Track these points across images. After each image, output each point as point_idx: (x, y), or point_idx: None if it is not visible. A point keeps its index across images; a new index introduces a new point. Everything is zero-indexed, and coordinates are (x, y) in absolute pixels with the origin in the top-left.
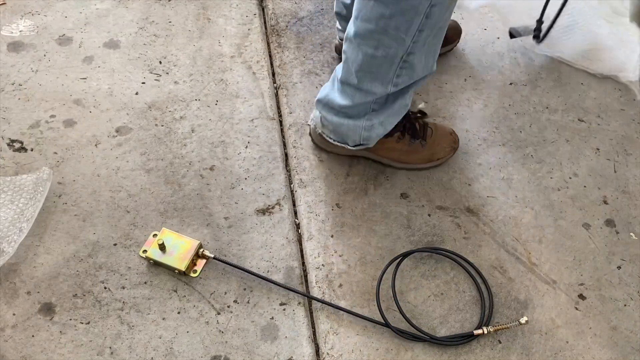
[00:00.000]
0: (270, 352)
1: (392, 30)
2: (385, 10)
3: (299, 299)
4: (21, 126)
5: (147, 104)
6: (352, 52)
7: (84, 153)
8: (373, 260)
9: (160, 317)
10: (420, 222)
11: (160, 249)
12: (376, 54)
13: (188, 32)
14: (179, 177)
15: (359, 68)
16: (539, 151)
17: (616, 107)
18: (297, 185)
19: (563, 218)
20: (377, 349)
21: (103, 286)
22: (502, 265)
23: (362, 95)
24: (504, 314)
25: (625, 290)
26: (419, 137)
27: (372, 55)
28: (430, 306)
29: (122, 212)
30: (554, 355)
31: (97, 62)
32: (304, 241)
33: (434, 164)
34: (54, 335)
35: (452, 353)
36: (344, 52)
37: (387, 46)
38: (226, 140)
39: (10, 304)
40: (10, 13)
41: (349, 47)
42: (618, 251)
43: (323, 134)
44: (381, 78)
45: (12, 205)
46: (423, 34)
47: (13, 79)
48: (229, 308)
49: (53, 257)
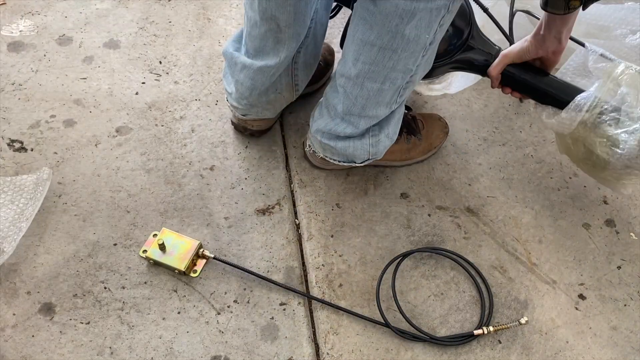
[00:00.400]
0: (270, 352)
1: (400, 66)
2: (394, 54)
3: (299, 299)
4: (21, 126)
5: (147, 104)
6: (354, 89)
7: (84, 153)
8: (373, 260)
9: (160, 317)
10: (420, 222)
11: (160, 249)
12: (383, 87)
13: (188, 32)
14: (179, 177)
15: (365, 102)
16: (539, 151)
17: None
18: (297, 185)
19: (563, 218)
20: (377, 349)
21: (103, 286)
22: (502, 265)
23: (367, 120)
24: (504, 314)
25: (625, 290)
26: (415, 133)
27: (378, 89)
28: (430, 306)
29: (122, 212)
30: (554, 355)
31: (97, 62)
32: (304, 241)
33: (432, 152)
34: (54, 335)
35: (452, 353)
36: (341, 86)
37: (394, 79)
38: (226, 140)
39: (10, 304)
40: (10, 13)
41: (349, 84)
42: (618, 251)
43: (326, 157)
44: (386, 103)
45: (12, 205)
46: (425, 57)
47: (13, 79)
48: (229, 308)
49: (53, 257)
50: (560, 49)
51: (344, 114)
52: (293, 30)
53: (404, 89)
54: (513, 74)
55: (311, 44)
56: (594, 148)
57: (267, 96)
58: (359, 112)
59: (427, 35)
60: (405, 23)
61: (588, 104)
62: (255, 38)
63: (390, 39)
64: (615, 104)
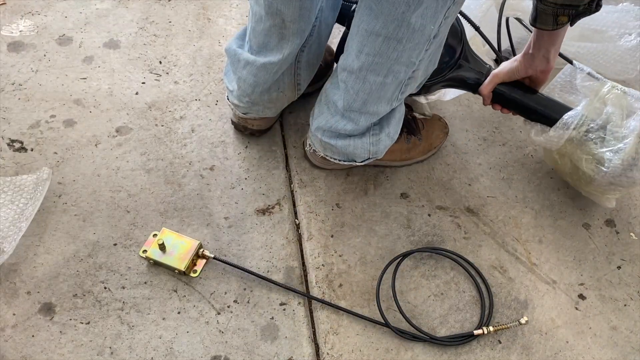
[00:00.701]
0: (270, 352)
1: (404, 58)
2: (398, 45)
3: (299, 299)
4: (21, 126)
5: (147, 104)
6: (356, 83)
7: (84, 153)
8: (373, 260)
9: (160, 317)
10: (420, 222)
11: (160, 249)
12: (386, 81)
13: (188, 32)
14: (179, 177)
15: (366, 97)
16: (538, 151)
17: None
18: (297, 185)
19: (563, 218)
20: (377, 349)
21: (103, 286)
22: (502, 265)
23: (368, 117)
24: (504, 314)
25: (625, 290)
26: (416, 133)
27: (381, 82)
28: (430, 306)
29: (122, 212)
30: (554, 355)
31: (97, 62)
32: (304, 241)
33: (432, 152)
34: (54, 335)
35: (452, 353)
36: (343, 81)
37: (397, 72)
38: (226, 140)
39: (10, 304)
40: (10, 13)
41: (351, 78)
42: (618, 251)
43: (327, 156)
44: (387, 98)
45: (12, 205)
46: (429, 52)
47: (13, 79)
48: (229, 308)
49: (53, 257)
50: (549, 69)
51: (344, 110)
52: (298, 27)
53: (405, 85)
54: (503, 92)
55: (315, 43)
56: (580, 164)
57: (270, 94)
58: (359, 107)
59: (432, 26)
60: (412, 11)
61: (575, 122)
62: (260, 33)
63: (396, 28)
64: (601, 123)
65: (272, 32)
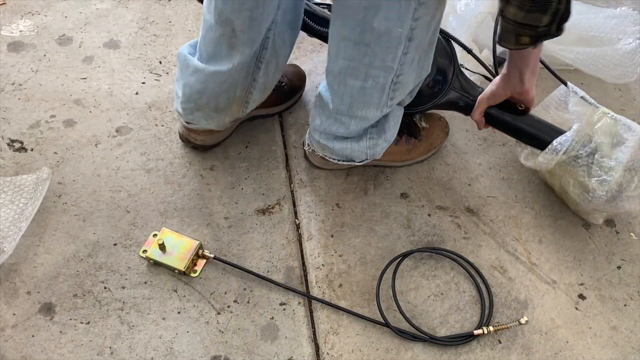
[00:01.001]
0: (270, 352)
1: (378, 62)
2: (368, 49)
3: (299, 298)
4: (21, 126)
5: (147, 104)
6: (340, 87)
7: (84, 153)
8: (373, 260)
9: (160, 317)
10: (420, 222)
11: (160, 249)
12: (365, 85)
13: (188, 32)
14: (179, 177)
15: (351, 100)
16: None
17: (616, 107)
18: (297, 185)
19: (563, 218)
20: (377, 349)
21: (103, 286)
22: (502, 265)
23: (358, 121)
24: (504, 314)
25: (625, 290)
26: (416, 135)
27: (361, 86)
28: (430, 306)
29: (122, 212)
30: (554, 355)
31: (97, 62)
32: (304, 241)
33: (433, 152)
34: (54, 335)
35: (452, 353)
36: (329, 84)
37: (375, 76)
38: (226, 140)
39: (10, 304)
40: (10, 13)
41: (335, 81)
42: (618, 251)
43: (326, 156)
44: (374, 104)
45: (12, 205)
46: (408, 56)
47: (13, 79)
48: (229, 308)
49: (53, 257)
50: (525, 90)
51: (334, 112)
52: (248, 37)
53: (393, 90)
54: (494, 114)
55: (272, 62)
56: (567, 187)
57: (217, 102)
58: (346, 111)
59: (400, 29)
60: (372, 15)
61: (564, 148)
62: (210, 42)
63: (361, 33)
64: (589, 150)
65: (222, 41)
